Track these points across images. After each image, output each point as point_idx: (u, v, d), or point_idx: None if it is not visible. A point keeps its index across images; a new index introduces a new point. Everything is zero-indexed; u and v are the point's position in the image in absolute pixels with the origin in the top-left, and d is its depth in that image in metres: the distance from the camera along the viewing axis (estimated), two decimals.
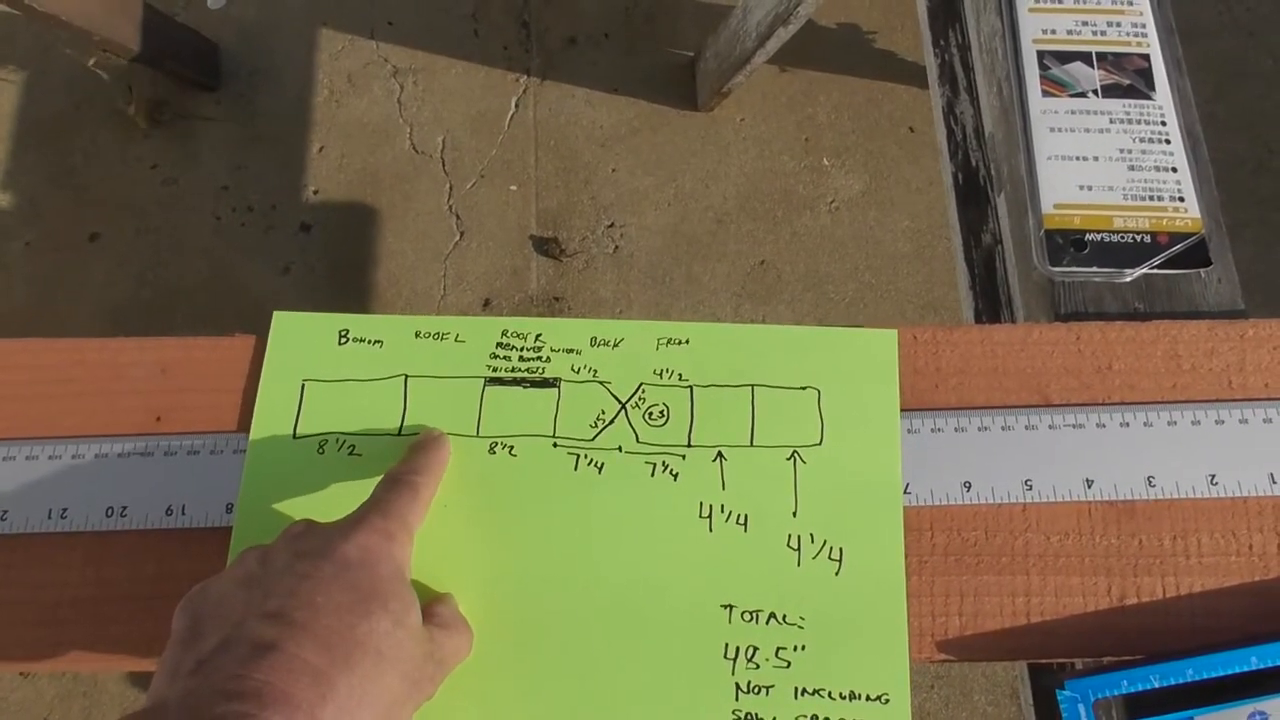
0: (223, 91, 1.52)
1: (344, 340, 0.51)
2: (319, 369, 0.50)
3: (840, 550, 0.46)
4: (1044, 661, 0.47)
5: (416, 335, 0.51)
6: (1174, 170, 0.56)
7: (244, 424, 0.49)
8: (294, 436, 0.49)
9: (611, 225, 1.44)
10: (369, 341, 0.51)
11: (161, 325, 1.39)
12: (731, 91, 1.43)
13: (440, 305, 1.39)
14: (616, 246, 1.43)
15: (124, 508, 0.48)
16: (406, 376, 0.50)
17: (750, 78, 1.39)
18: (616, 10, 1.56)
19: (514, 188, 1.46)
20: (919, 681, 1.23)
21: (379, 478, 0.47)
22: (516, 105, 1.51)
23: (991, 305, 0.62)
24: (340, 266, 1.42)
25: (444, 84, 1.52)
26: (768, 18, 1.18)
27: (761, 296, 1.41)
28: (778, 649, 0.45)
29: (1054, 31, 0.60)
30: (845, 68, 1.53)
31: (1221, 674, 0.43)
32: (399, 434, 0.49)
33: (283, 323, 0.51)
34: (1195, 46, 1.47)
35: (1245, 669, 0.43)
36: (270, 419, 0.49)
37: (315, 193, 1.46)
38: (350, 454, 0.48)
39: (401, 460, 0.46)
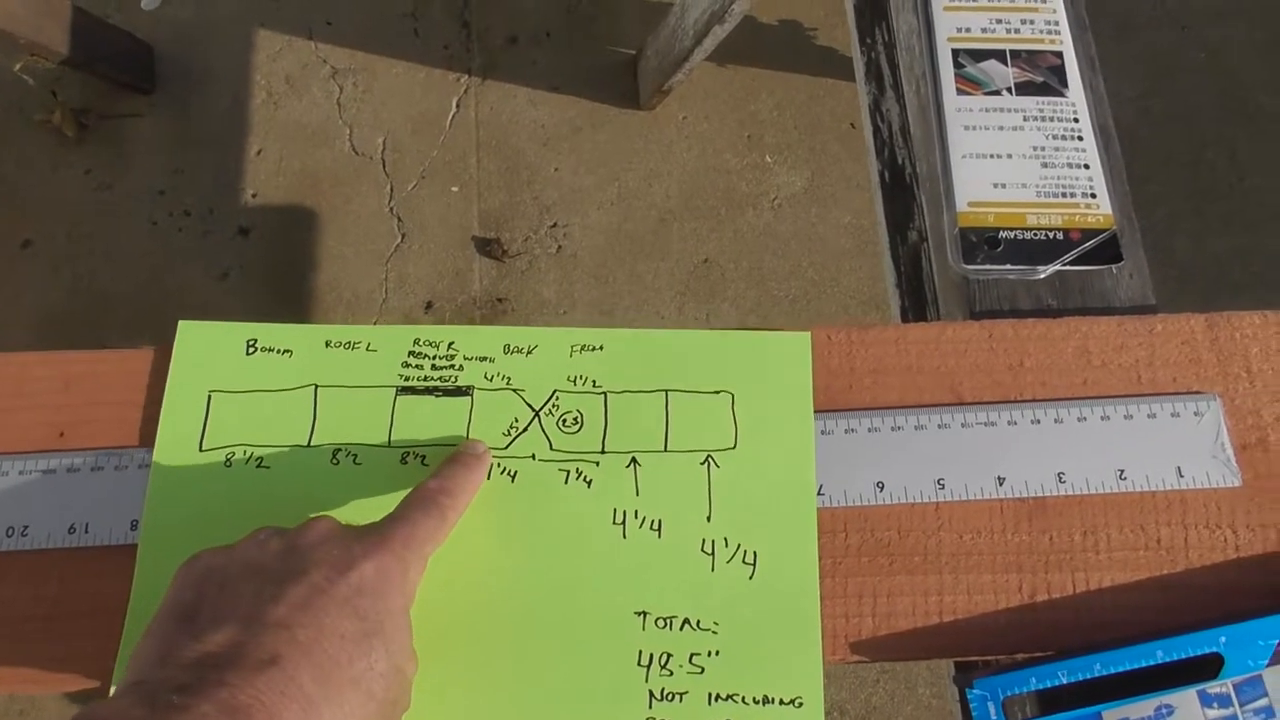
0: (158, 94, 1.49)
1: (252, 350, 0.50)
2: (226, 380, 0.49)
3: (754, 554, 0.46)
4: (968, 659, 0.48)
5: (327, 345, 0.50)
6: (1086, 167, 0.57)
7: (150, 438, 0.48)
8: (200, 449, 0.48)
9: (554, 225, 1.43)
10: (278, 351, 0.50)
11: (96, 332, 1.36)
12: (673, 89, 1.43)
13: (382, 309, 1.38)
14: (559, 246, 1.42)
15: (25, 527, 0.47)
16: (316, 386, 0.49)
17: (691, 75, 1.39)
18: (558, 8, 1.55)
19: (456, 189, 1.45)
20: (865, 676, 1.24)
21: (288, 491, 0.47)
22: (458, 105, 1.49)
23: (918, 303, 0.62)
24: (279, 271, 1.40)
25: (384, 85, 1.50)
26: (703, 16, 1.18)
27: (705, 294, 1.41)
28: (691, 655, 0.45)
29: (968, 30, 0.60)
30: (787, 64, 1.53)
31: (1129, 668, 0.43)
32: (308, 445, 0.48)
33: (188, 332, 0.50)
34: (1128, 41, 1.49)
35: (1152, 663, 0.43)
36: (175, 433, 0.48)
37: (254, 196, 1.44)
38: (258, 467, 0.47)
39: (438, 473, 0.45)
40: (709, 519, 0.47)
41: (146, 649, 0.36)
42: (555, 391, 0.49)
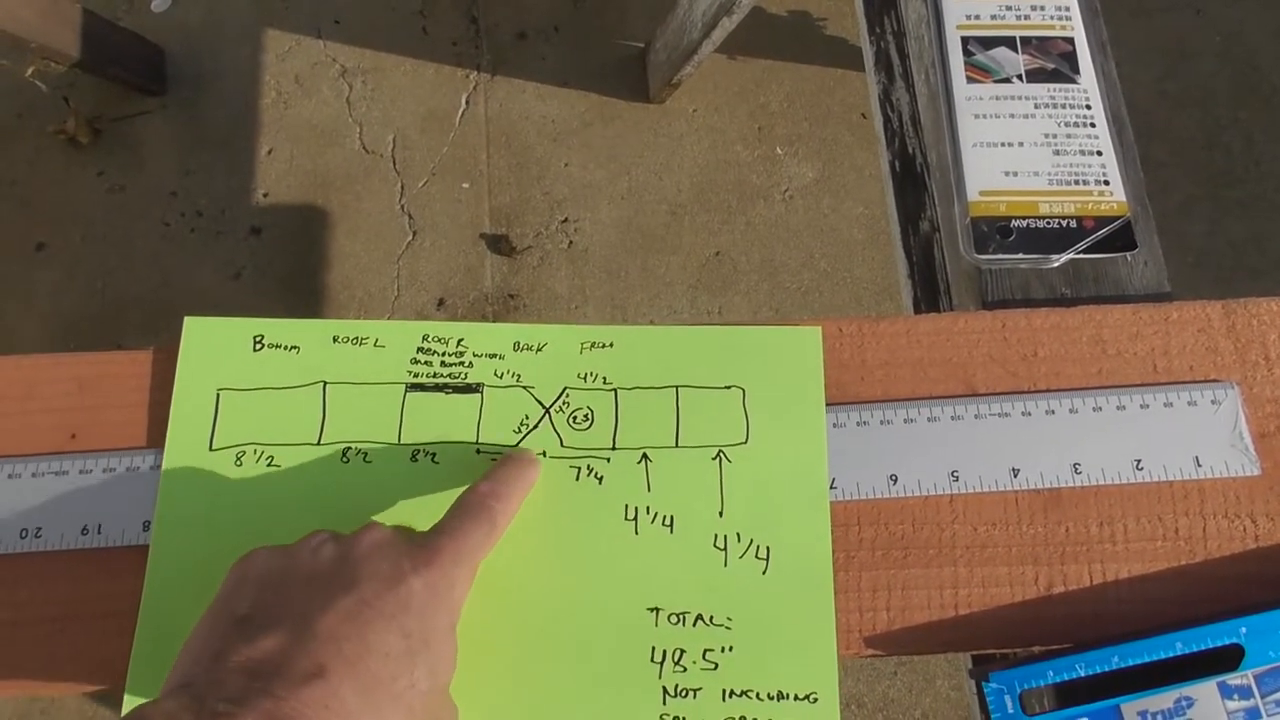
0: (169, 96, 1.50)
1: (259, 346, 0.49)
2: (234, 377, 0.49)
3: (767, 549, 0.46)
4: (984, 652, 0.47)
5: (334, 340, 0.50)
6: (1099, 154, 0.56)
7: (161, 439, 0.48)
8: (210, 449, 0.48)
9: (565, 220, 1.43)
10: (285, 347, 0.49)
11: (112, 334, 1.37)
12: (682, 82, 1.42)
13: (394, 306, 1.38)
14: (571, 241, 1.42)
15: (38, 529, 0.47)
16: (325, 383, 0.49)
17: (700, 68, 1.38)
18: (566, 3, 1.55)
19: (466, 185, 1.45)
20: (882, 669, 1.23)
21: (299, 490, 0.47)
22: (467, 102, 1.49)
23: (930, 294, 0.62)
24: (292, 270, 1.41)
25: (393, 82, 1.50)
26: (712, 8, 1.18)
27: (717, 288, 1.40)
28: (705, 651, 0.44)
29: (978, 16, 0.60)
30: (796, 55, 1.53)
31: (1147, 660, 0.43)
32: (318, 443, 0.48)
33: (194, 329, 0.50)
34: (1144, 24, 1.48)
35: (1171, 655, 0.43)
36: (185, 431, 0.48)
37: (265, 196, 1.44)
38: (269, 465, 0.47)
39: (489, 475, 0.45)
40: (721, 514, 0.47)
41: (197, 647, 0.37)
42: (565, 388, 0.49)
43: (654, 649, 0.45)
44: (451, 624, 0.39)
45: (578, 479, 0.47)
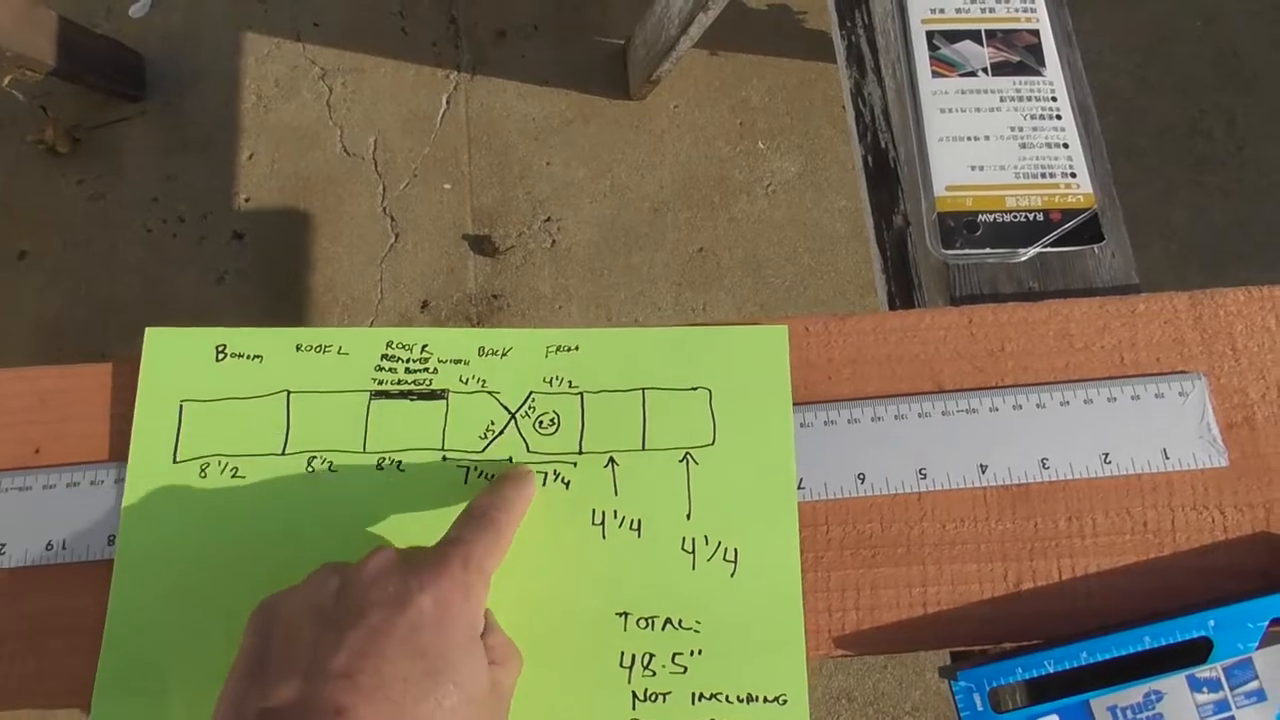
0: (148, 101, 1.49)
1: (221, 356, 0.49)
2: (197, 388, 0.48)
3: (735, 551, 0.46)
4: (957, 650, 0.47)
5: (297, 349, 0.49)
6: (1065, 146, 0.56)
7: (126, 452, 0.48)
8: (174, 461, 0.47)
9: (548, 219, 1.43)
10: (248, 357, 0.49)
11: (95, 341, 1.37)
12: (662, 78, 1.42)
13: (378, 309, 1.38)
14: (554, 241, 1.42)
15: (2, 545, 0.46)
16: (289, 393, 0.49)
17: (680, 64, 1.38)
18: (545, 1, 1.55)
19: (448, 186, 1.44)
20: (872, 663, 1.23)
21: (264, 501, 0.47)
22: (448, 102, 1.49)
23: (904, 288, 0.62)
24: (275, 274, 1.40)
25: (373, 84, 1.50)
26: (688, 4, 1.17)
27: (701, 284, 1.40)
28: (674, 654, 0.44)
29: (943, 10, 0.60)
30: (777, 49, 1.52)
31: (1116, 655, 0.43)
32: (283, 453, 0.48)
33: (156, 340, 0.49)
34: (1123, 11, 1.48)
35: (1140, 649, 0.43)
36: (148, 444, 0.47)
37: (247, 200, 1.43)
38: (234, 477, 0.47)
39: (486, 492, 0.44)
40: (689, 517, 0.46)
41: (222, 708, 0.36)
42: (531, 393, 0.49)
43: (623, 653, 0.44)
44: (471, 634, 0.38)
45: (544, 484, 0.47)
